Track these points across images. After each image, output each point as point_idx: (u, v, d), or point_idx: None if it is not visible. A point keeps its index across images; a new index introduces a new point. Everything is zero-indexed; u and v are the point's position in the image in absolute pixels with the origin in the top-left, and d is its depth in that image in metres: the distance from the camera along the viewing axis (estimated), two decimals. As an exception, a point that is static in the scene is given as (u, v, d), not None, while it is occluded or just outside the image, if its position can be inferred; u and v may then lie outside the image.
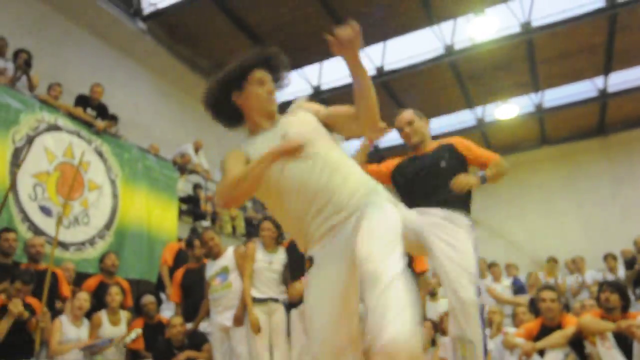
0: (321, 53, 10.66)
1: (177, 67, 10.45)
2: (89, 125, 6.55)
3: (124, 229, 6.56)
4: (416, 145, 3.17)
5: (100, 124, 6.67)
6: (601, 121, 13.13)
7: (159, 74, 10.22)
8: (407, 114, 3.20)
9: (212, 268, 4.66)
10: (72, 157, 6.09)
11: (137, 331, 4.82)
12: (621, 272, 7.35)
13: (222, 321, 4.50)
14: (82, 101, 6.86)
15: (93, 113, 6.88)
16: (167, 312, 5.71)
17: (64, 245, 5.70)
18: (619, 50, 10.39)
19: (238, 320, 4.34)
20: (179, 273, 5.26)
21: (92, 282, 5.35)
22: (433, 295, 6.82)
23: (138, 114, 9.39)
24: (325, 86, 11.84)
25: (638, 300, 6.88)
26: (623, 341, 3.90)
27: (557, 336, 4.23)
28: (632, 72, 11.60)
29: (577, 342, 4.23)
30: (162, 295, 6.13)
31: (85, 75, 8.02)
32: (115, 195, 6.60)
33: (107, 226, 6.34)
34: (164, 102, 10.29)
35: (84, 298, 4.77)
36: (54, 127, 6.07)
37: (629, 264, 7.22)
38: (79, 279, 5.49)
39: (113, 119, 7.01)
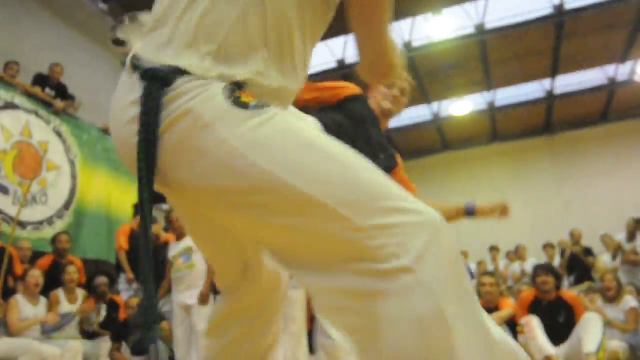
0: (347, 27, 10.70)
1: (138, 50, 10.30)
2: (47, 105, 6.51)
3: (82, 209, 6.58)
4: None
5: (59, 103, 6.63)
6: (547, 121, 13.85)
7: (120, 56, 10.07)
8: None
9: (175, 248, 4.79)
10: (29, 137, 6.07)
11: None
12: (557, 261, 7.91)
13: (184, 300, 4.62)
14: (41, 80, 6.78)
15: (52, 93, 6.82)
16: (125, 292, 5.78)
17: (21, 224, 5.68)
18: (565, 55, 11.00)
19: (204, 298, 4.46)
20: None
21: (45, 261, 5.41)
22: None
23: (98, 96, 9.24)
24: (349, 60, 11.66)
25: (572, 287, 7.43)
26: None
27: (493, 317, 4.62)
28: (576, 76, 12.30)
29: (511, 323, 4.65)
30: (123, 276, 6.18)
31: (43, 54, 7.87)
32: (74, 176, 6.60)
33: (66, 206, 6.35)
34: (123, 84, 10.14)
35: (38, 275, 4.81)
36: (10, 106, 6.02)
37: (564, 253, 7.79)
38: (35, 258, 5.52)
39: (72, 99, 6.96)
